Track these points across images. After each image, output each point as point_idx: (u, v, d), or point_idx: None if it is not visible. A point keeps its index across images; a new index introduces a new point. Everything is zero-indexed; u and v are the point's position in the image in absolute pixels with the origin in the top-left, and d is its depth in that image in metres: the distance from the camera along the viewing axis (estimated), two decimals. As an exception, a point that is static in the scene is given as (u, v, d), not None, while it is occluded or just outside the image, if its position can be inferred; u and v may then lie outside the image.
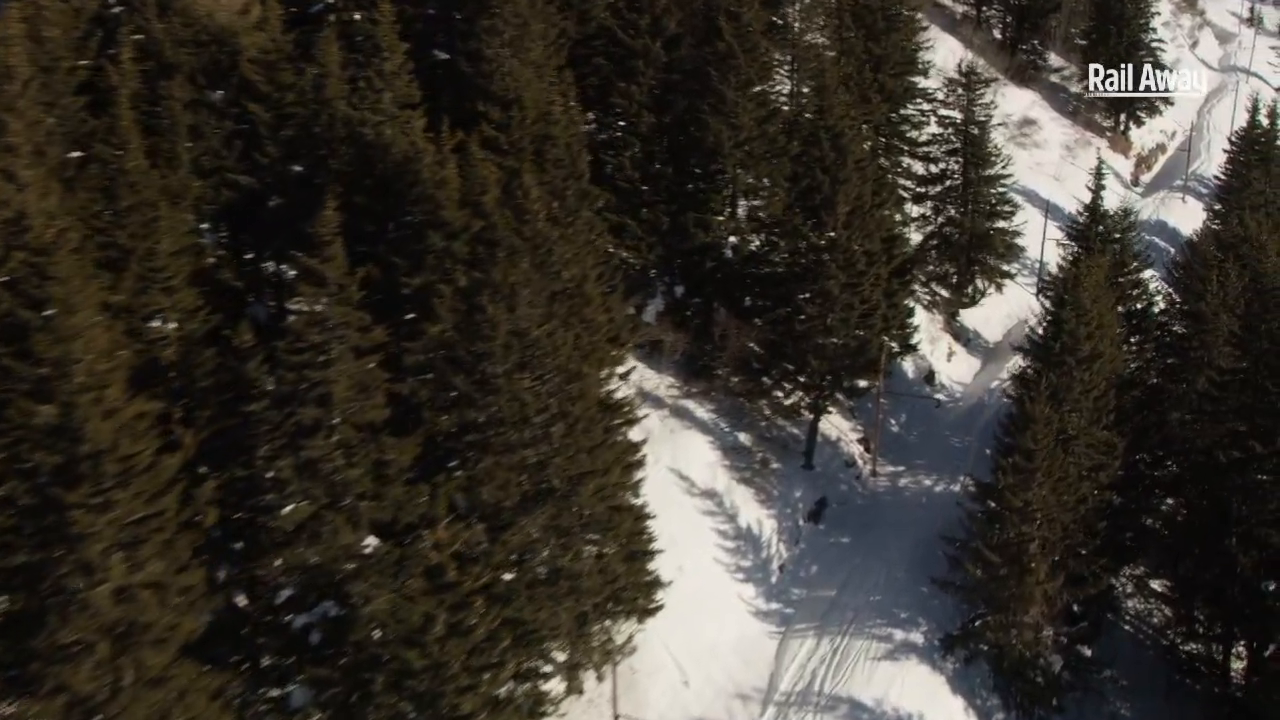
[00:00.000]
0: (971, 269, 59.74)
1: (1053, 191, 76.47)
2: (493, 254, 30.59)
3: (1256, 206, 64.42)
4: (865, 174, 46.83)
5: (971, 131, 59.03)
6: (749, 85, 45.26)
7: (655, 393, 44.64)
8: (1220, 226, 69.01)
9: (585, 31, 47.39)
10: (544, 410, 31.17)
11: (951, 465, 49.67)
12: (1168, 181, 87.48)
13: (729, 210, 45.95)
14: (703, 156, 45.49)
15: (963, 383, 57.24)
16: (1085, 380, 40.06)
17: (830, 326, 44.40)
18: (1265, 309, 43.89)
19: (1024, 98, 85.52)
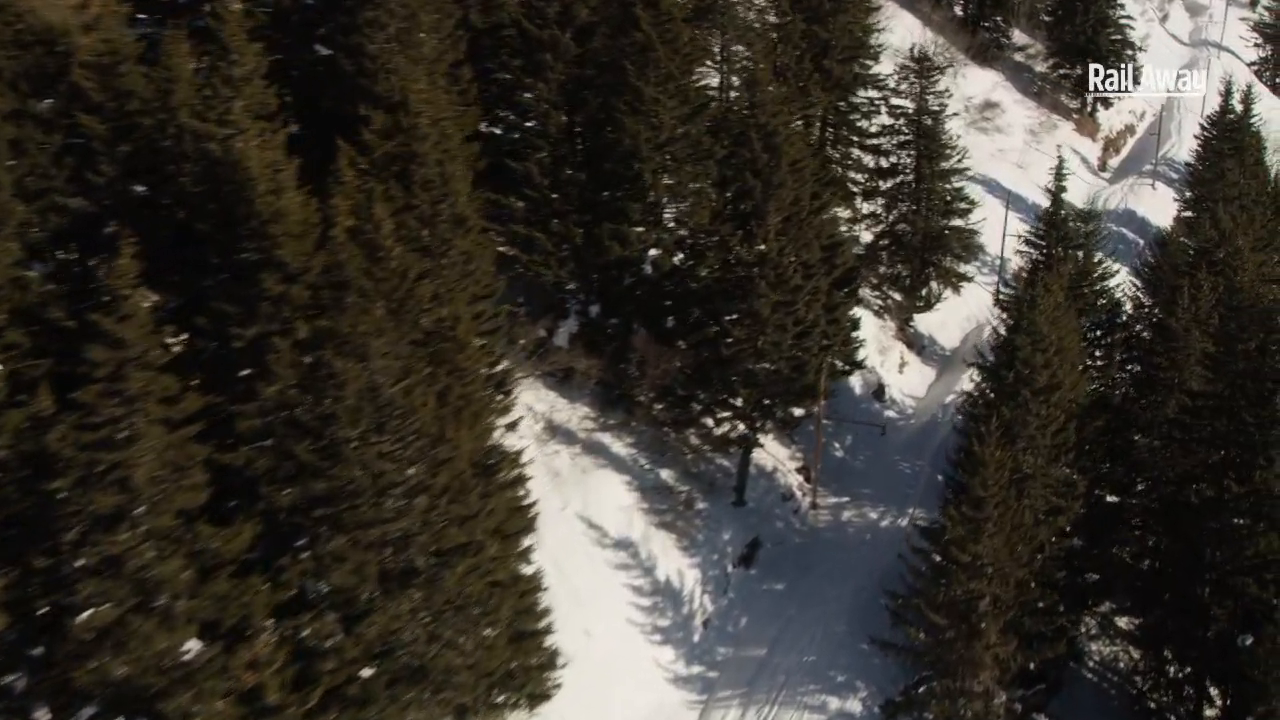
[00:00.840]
0: (926, 271, 55.29)
1: (1016, 180, 72.13)
2: (339, 299, 25.89)
3: (1230, 199, 60.17)
4: (803, 176, 42.23)
5: (925, 122, 54.47)
6: (670, 80, 40.52)
7: (567, 426, 40.10)
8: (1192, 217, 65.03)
9: (491, 21, 42.47)
10: (404, 481, 26.59)
11: (900, 494, 45.45)
12: (1137, 166, 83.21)
13: (650, 220, 41.24)
14: (619, 160, 40.77)
15: (916, 396, 52.93)
16: (1043, 415, 35.72)
17: (761, 350, 39.92)
18: (1241, 327, 39.65)
19: (986, 79, 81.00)
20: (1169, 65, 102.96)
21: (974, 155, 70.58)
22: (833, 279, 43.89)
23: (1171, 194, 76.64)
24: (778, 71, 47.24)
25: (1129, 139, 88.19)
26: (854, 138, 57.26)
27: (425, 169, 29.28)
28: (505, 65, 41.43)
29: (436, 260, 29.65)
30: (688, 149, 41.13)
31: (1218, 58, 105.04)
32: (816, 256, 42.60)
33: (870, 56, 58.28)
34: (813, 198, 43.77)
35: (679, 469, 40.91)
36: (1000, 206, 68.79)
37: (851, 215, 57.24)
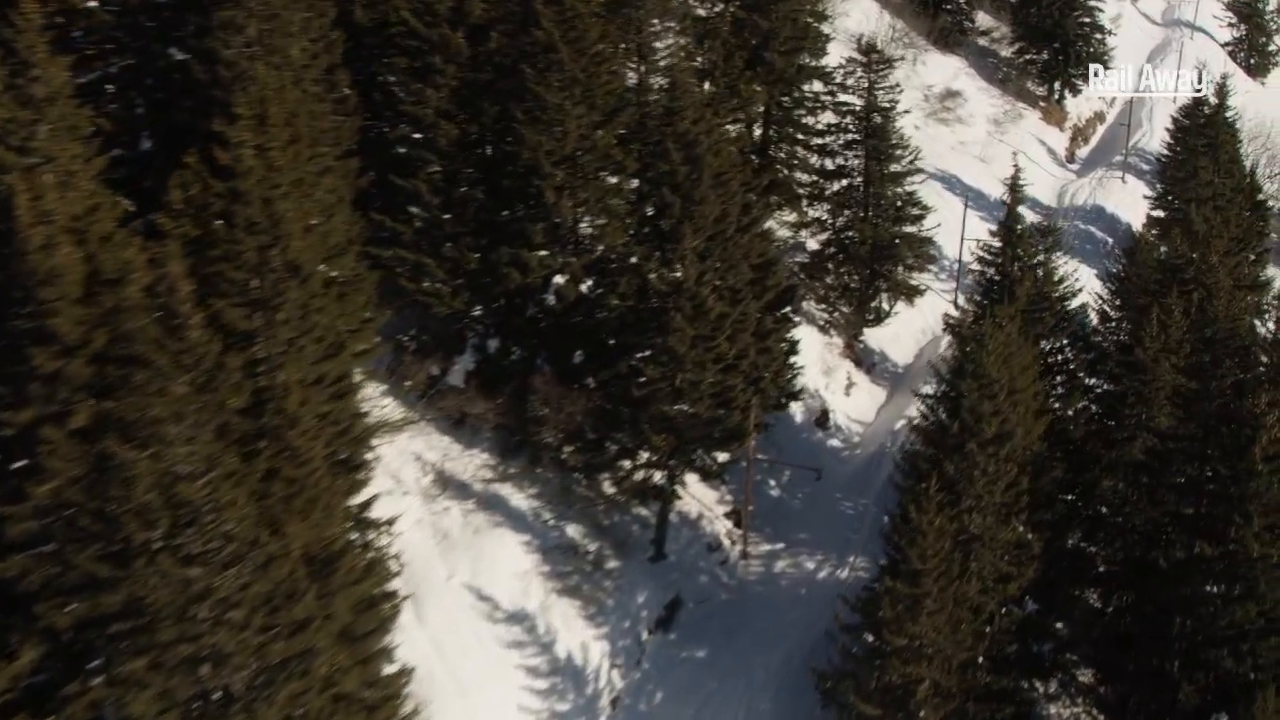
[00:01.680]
0: (875, 283, 50.85)
1: (977, 176, 67.73)
2: (127, 377, 21.27)
3: (1204, 199, 55.96)
4: (729, 189, 37.72)
5: (874, 120, 49.86)
6: (575, 84, 35.83)
7: (461, 477, 35.65)
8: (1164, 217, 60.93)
9: (376, 18, 37.68)
10: (216, 589, 22.07)
11: (841, 538, 41.22)
12: (1107, 156, 78.89)
13: (554, 243, 36.67)
14: (519, 176, 36.15)
15: (863, 422, 48.61)
16: (991, 470, 31.39)
17: (679, 389, 35.47)
18: (1215, 362, 35.50)
19: (947, 66, 76.46)
20: (1141, 47, 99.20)
21: (933, 148, 66.40)
22: (765, 302, 39.40)
23: (1142, 187, 72.45)
24: (705, 70, 42.58)
25: (1098, 127, 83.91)
26: (799, 136, 52.68)
27: (250, 208, 24.54)
28: (391, 68, 36.67)
29: (269, 315, 24.97)
30: (597, 162, 36.49)
31: (1190, 39, 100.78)
32: (745, 279, 38.19)
33: (818, 47, 53.61)
34: (744, 211, 39.28)
35: (589, 523, 36.49)
36: (961, 204, 64.46)
37: (798, 220, 52.82)
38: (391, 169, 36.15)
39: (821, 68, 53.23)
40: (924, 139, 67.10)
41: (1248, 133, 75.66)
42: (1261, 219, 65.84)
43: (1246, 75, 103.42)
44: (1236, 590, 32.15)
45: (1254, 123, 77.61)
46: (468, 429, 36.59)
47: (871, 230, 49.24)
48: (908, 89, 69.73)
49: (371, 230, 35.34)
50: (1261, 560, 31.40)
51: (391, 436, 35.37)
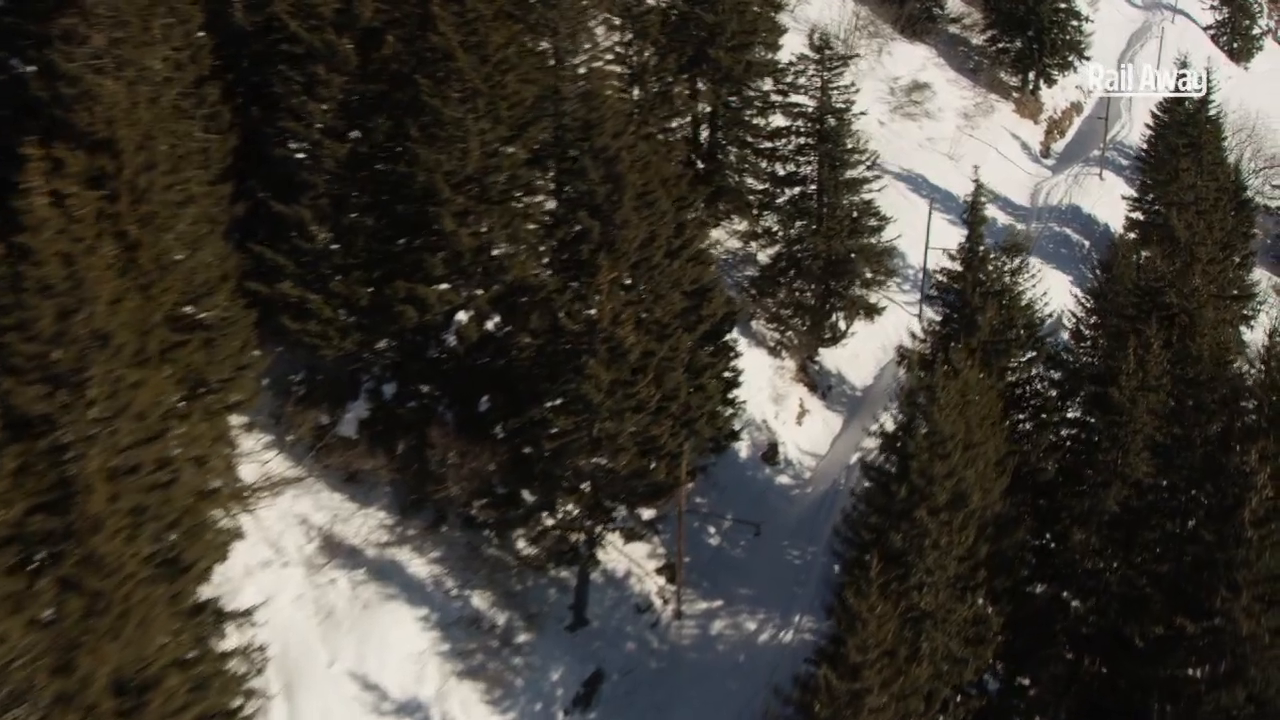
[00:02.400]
0: (830, 301, 46.84)
1: (945, 174, 63.72)
2: None
3: (1186, 205, 52.05)
4: (657, 209, 33.65)
5: (827, 123, 45.76)
6: (477, 96, 31.67)
7: (352, 541, 31.61)
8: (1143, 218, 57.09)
9: (259, 21, 33.47)
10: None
11: (787, 593, 37.38)
12: (1084, 150, 74.90)
13: (457, 276, 32.56)
14: (415, 201, 32.00)
15: (816, 454, 44.67)
16: (943, 544, 27.49)
17: (596, 440, 31.45)
18: (1198, 407, 31.62)
19: (915, 55, 72.36)
20: (1121, 30, 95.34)
21: (899, 146, 62.56)
22: (700, 334, 35.40)
23: (1121, 185, 68.57)
24: (635, 73, 38.44)
25: (1075, 118, 79.95)
26: (749, 139, 48.61)
27: (44, 268, 20.39)
28: (275, 79, 32.46)
29: (75, 395, 20.85)
30: (504, 183, 32.36)
31: (1172, 22, 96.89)
32: (677, 309, 34.17)
33: (771, 40, 49.46)
34: (676, 233, 35.23)
35: (498, 589, 32.56)
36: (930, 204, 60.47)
37: (749, 229, 48.80)
38: (273, 193, 32.01)
39: (774, 63, 49.10)
40: (889, 136, 63.30)
41: (1231, 125, 71.83)
42: (1247, 219, 62.12)
43: (1228, 60, 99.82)
44: (1223, 670, 28.37)
45: (1238, 114, 73.77)
46: (362, 485, 32.57)
47: (825, 243, 45.16)
48: (872, 81, 65.94)
49: (251, 263, 31.36)
50: (1251, 639, 27.58)
51: (272, 497, 31.42)
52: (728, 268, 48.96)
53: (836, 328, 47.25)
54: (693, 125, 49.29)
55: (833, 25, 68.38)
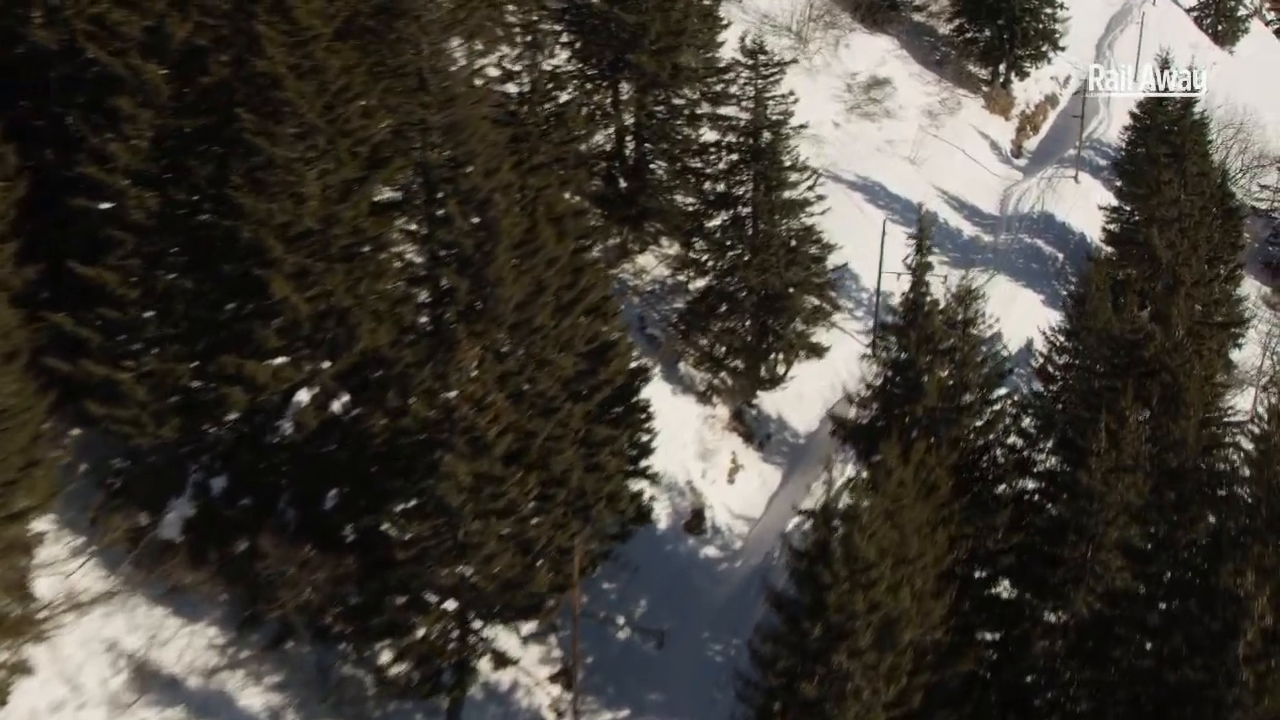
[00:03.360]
0: (766, 340, 41.56)
1: (905, 181, 58.39)
2: None
3: (1168, 221, 46.82)
4: (543, 259, 28.36)
5: (761, 139, 40.35)
6: (314, 134, 26.22)
7: (171, 670, 26.34)
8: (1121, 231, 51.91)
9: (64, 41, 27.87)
10: None
11: (705, 699, 32.17)
12: (1059, 147, 69.52)
13: (296, 348, 27.19)
14: (242, 259, 26.57)
15: (750, 517, 39.52)
16: (868, 694, 22.29)
17: (462, 545, 26.20)
18: (1180, 502, 26.47)
19: (875, 48, 66.81)
20: (1100, 15, 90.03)
21: (855, 150, 57.24)
22: (600, 400, 30.14)
23: (1098, 188, 63.33)
24: (527, 93, 32.94)
25: (1050, 112, 74.51)
26: (678, 153, 43.24)
27: None
28: (72, 114, 26.96)
29: None
30: (349, 237, 26.95)
31: (1154, 4, 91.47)
32: (569, 375, 28.92)
33: (704, 41, 44.01)
34: (569, 284, 29.94)
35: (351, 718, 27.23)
36: (886, 218, 55.17)
37: (680, 256, 43.48)
38: (72, 253, 26.53)
39: (711, 66, 43.59)
40: (844, 139, 58.00)
41: (1217, 120, 66.67)
42: (1234, 228, 57.03)
43: (1213, 43, 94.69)
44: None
45: (1224, 108, 68.61)
46: (188, 599, 27.23)
47: (758, 276, 39.79)
48: (828, 78, 60.62)
49: (47, 336, 25.97)
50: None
51: (76, 619, 26.11)
52: (655, 300, 43.73)
53: (775, 370, 41.93)
54: (616, 138, 43.95)
55: (784, 16, 63.07)
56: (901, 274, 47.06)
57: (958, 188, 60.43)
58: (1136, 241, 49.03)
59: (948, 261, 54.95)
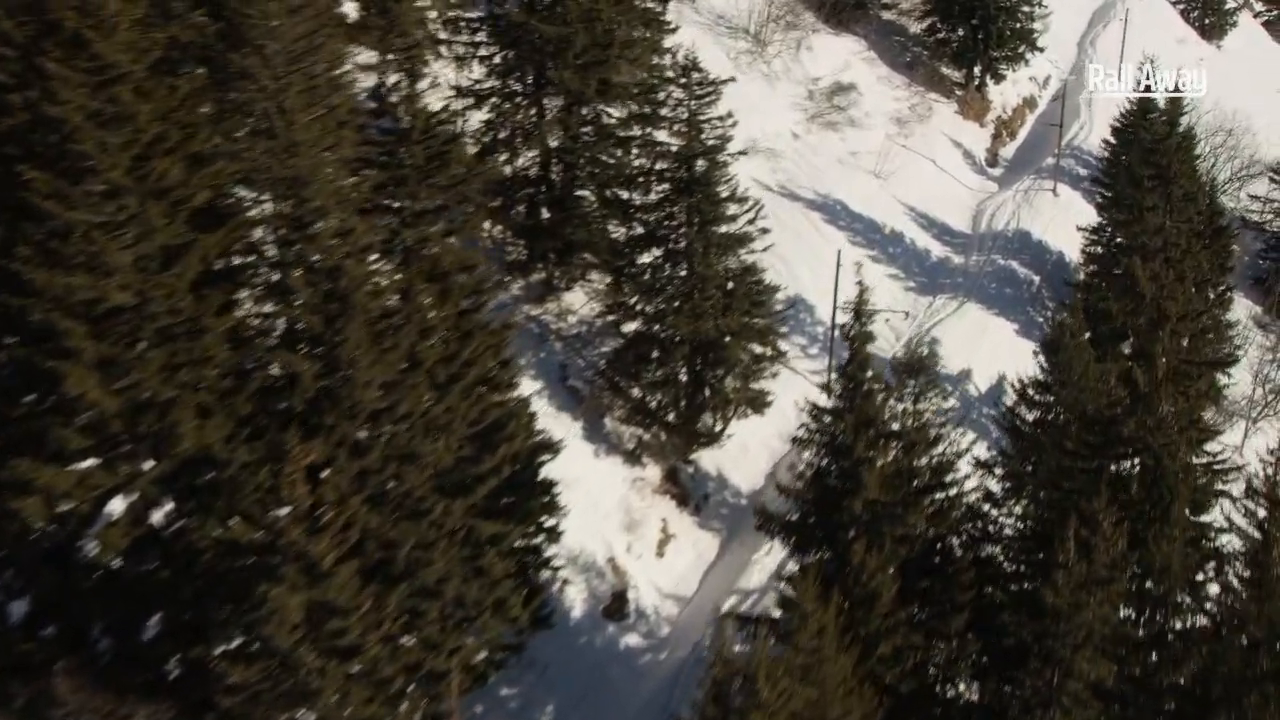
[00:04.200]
0: (701, 392, 37.12)
1: (869, 197, 53.97)
2: None
3: (1153, 251, 42.47)
4: (412, 329, 23.96)
5: (695, 169, 35.81)
6: (121, 195, 21.66)
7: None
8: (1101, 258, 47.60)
9: None
10: None
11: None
12: (1037, 155, 65.08)
13: (106, 449, 22.65)
14: (31, 346, 22.01)
15: (681, 596, 35.12)
16: None
17: (302, 688, 21.74)
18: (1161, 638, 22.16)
19: (840, 50, 62.25)
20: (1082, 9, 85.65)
21: (815, 163, 52.78)
22: (486, 492, 25.64)
23: (1078, 200, 58.91)
24: (405, 129, 28.29)
25: (1028, 116, 69.99)
26: (609, 177, 38.71)
27: None
28: None
29: None
30: (165, 318, 22.40)
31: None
32: (448, 464, 24.51)
33: (640, 56, 39.43)
34: (454, 352, 25.55)
35: None
36: (847, 240, 50.87)
37: (611, 291, 38.99)
38: None
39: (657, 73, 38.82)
40: (803, 150, 53.47)
41: (1204, 126, 62.34)
42: (1224, 247, 52.68)
43: (1200, 38, 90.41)
44: None
45: (1213, 113, 64.21)
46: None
47: (690, 323, 35.28)
48: (788, 84, 56.11)
49: None
50: None
51: None
52: (581, 344, 39.27)
53: (710, 429, 37.48)
54: (541, 162, 39.40)
55: (741, 17, 58.47)
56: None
57: (927, 203, 55.97)
58: (1117, 270, 44.66)
59: (914, 287, 50.66)
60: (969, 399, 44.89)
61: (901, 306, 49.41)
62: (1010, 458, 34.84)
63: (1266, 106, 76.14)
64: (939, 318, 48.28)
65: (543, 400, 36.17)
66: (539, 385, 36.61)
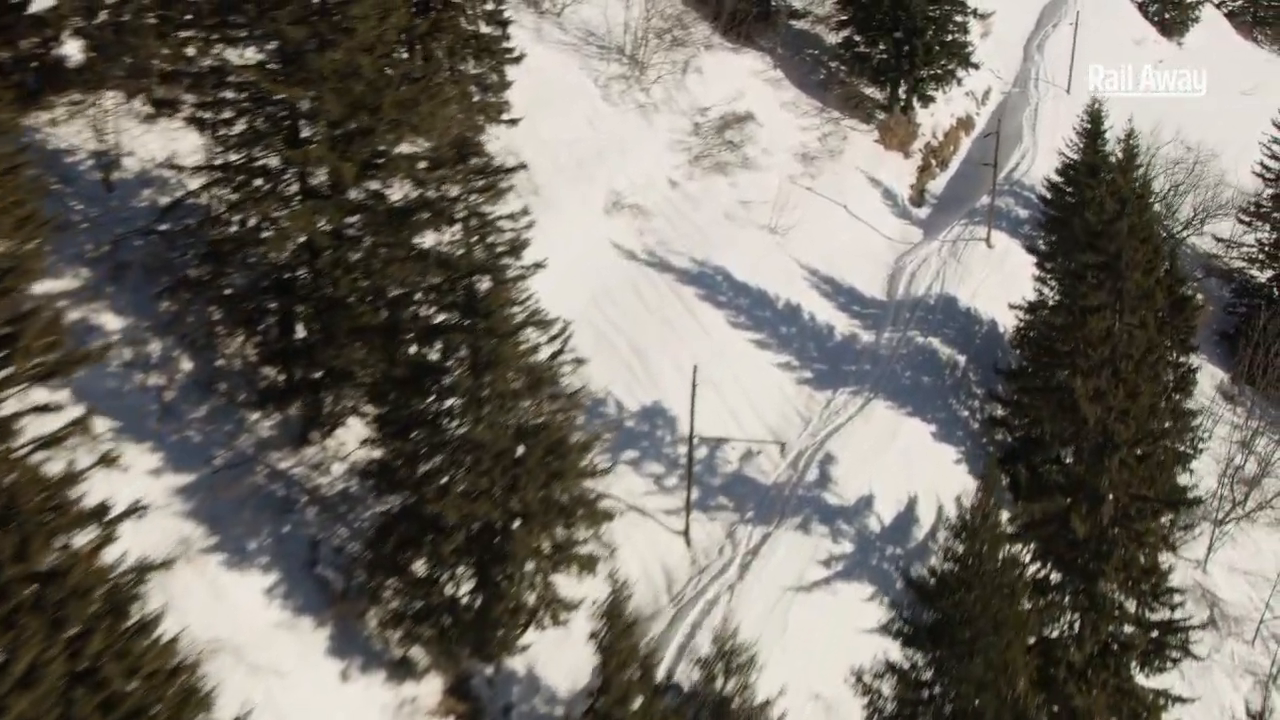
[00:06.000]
0: (484, 593, 27.47)
1: (760, 261, 44.46)
2: None
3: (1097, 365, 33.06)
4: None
5: (474, 287, 26.05)
6: None
7: None
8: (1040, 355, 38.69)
9: None
10: None
11: None
12: (972, 188, 55.63)
13: None
14: None
15: None
16: None
17: None
18: None
19: (738, 70, 52.58)
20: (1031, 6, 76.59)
21: (695, 219, 43.11)
22: None
23: (1015, 251, 49.68)
24: None
25: (963, 140, 60.57)
26: (383, 285, 28.88)
27: None
28: None
29: None
30: None
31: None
32: None
33: (422, 123, 29.63)
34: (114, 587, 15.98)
35: None
36: (727, 320, 41.50)
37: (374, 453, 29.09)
38: None
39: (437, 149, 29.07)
40: (680, 203, 43.94)
41: (1163, 158, 53.25)
42: (1187, 321, 43.57)
43: (1160, 35, 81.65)
44: None
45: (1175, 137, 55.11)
46: None
47: (458, 507, 25.59)
48: (668, 116, 46.53)
49: None
50: None
51: None
52: (346, 506, 29.60)
53: (508, 639, 27.81)
54: (290, 265, 29.63)
55: (617, 32, 48.65)
56: (728, 441, 34.01)
57: (834, 262, 46.53)
58: (1052, 388, 35.33)
59: (810, 380, 41.23)
60: (867, 537, 35.66)
61: (793, 402, 40.09)
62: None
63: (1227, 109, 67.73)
64: (836, 423, 38.89)
65: (273, 602, 26.64)
66: (272, 578, 27.02)
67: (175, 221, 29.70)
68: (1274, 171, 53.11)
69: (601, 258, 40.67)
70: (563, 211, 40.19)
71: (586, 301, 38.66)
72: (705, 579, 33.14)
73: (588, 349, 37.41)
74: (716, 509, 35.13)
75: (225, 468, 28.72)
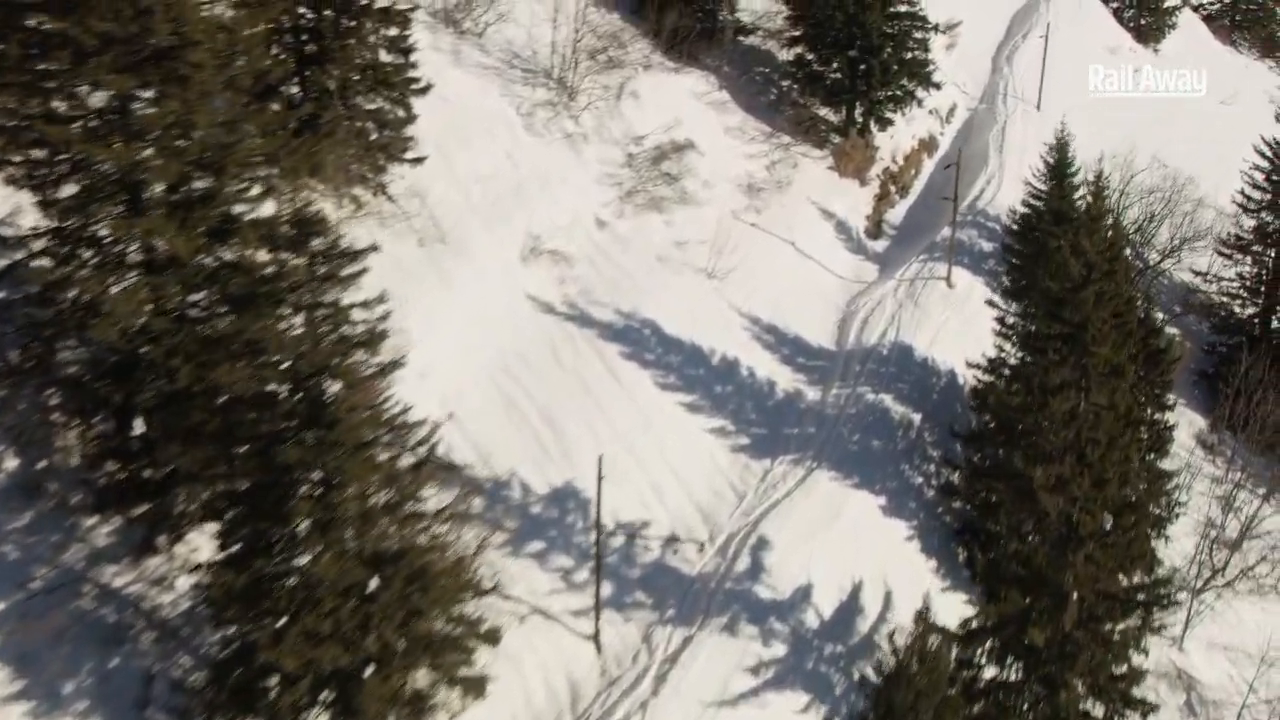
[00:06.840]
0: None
1: (695, 310, 40.43)
2: None
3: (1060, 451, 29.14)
4: None
5: (317, 392, 21.89)
6: None
7: None
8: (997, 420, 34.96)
9: None
10: None
11: None
12: (934, 218, 51.69)
13: None
14: None
15: None
16: None
17: None
18: None
19: (678, 93, 48.39)
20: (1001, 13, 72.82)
21: (623, 262, 39.17)
22: None
23: (979, 290, 45.77)
24: None
25: (925, 162, 56.62)
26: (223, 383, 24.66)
27: None
28: None
29: None
30: None
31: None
32: None
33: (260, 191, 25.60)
34: None
35: None
36: (655, 381, 37.54)
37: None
38: None
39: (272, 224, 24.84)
40: (610, 246, 40.08)
41: (1138, 186, 49.47)
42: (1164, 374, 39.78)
43: (1135, 42, 78.00)
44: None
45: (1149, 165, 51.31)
46: None
47: (297, 653, 21.53)
48: (598, 146, 42.43)
49: None
50: None
51: None
52: (192, 629, 25.53)
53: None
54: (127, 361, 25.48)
55: (544, 53, 44.54)
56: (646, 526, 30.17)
57: (779, 307, 42.54)
58: (1011, 474, 31.37)
59: (746, 447, 37.25)
60: (803, 635, 31.74)
61: (727, 474, 36.15)
62: None
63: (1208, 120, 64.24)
64: (773, 498, 34.99)
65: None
66: (90, 727, 22.90)
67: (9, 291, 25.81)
68: (1255, 201, 49.31)
69: (515, 312, 36.67)
70: (473, 259, 36.18)
71: (494, 364, 34.74)
72: (616, 693, 29.20)
73: (493, 420, 33.64)
74: (633, 607, 31.17)
75: (44, 591, 24.65)
